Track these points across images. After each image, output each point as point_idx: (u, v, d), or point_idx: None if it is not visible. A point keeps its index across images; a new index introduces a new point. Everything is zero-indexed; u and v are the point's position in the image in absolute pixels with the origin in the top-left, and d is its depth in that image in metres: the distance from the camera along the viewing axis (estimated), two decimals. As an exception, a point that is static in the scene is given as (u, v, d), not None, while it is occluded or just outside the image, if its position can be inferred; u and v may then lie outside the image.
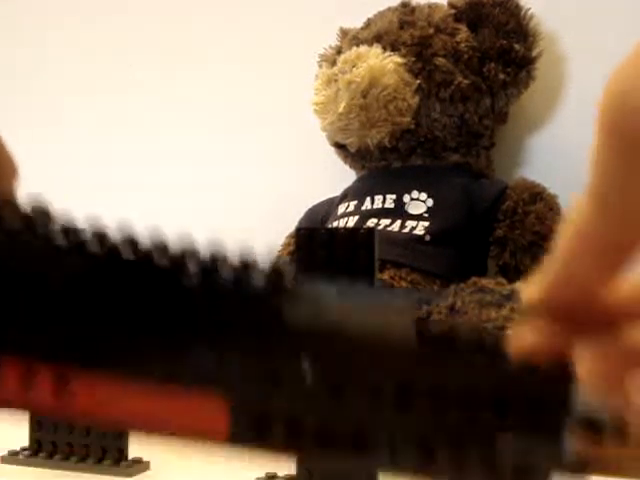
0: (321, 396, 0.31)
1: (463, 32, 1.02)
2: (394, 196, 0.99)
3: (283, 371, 0.31)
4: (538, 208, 0.98)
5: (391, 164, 1.04)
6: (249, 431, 0.31)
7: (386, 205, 0.99)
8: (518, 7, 1.03)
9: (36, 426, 0.64)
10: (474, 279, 0.79)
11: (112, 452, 0.63)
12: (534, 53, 1.03)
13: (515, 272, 0.96)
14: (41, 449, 0.64)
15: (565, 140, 1.06)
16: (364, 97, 0.98)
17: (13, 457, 0.64)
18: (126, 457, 0.63)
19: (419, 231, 0.95)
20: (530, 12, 1.04)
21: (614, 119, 0.22)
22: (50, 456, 0.64)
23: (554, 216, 0.97)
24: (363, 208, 1.00)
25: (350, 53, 1.00)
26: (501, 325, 0.65)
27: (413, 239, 0.95)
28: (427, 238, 0.95)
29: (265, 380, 0.30)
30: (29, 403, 0.29)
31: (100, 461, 0.63)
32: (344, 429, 0.31)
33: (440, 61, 1.00)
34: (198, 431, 0.31)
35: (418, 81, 0.99)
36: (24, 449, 0.65)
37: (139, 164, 1.26)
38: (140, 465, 0.63)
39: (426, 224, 0.96)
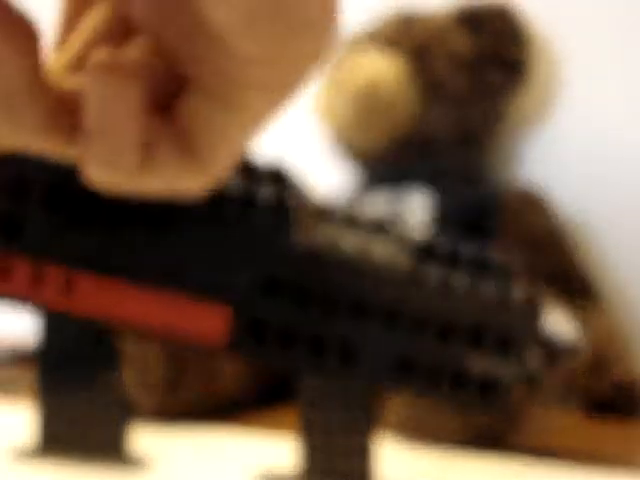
0: (316, 311, 0.33)
1: (461, 37, 1.03)
2: (393, 198, 1.01)
3: (283, 285, 0.33)
4: (533, 217, 0.99)
5: (390, 167, 1.05)
6: (248, 339, 0.32)
7: (385, 208, 1.01)
8: (514, 12, 1.05)
9: (41, 423, 0.65)
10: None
11: (115, 449, 0.64)
12: (529, 56, 1.05)
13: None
14: (46, 446, 0.65)
15: (561, 141, 1.07)
16: (364, 101, 0.99)
17: (17, 454, 0.65)
18: (129, 454, 0.64)
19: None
20: (525, 17, 1.05)
21: None
22: (54, 453, 0.65)
23: (549, 224, 0.99)
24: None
25: (351, 57, 1.02)
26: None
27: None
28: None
29: (266, 293, 0.32)
30: (38, 298, 0.31)
31: (103, 458, 0.64)
32: (334, 343, 0.33)
33: (439, 65, 1.01)
34: (198, 336, 0.32)
35: (418, 85, 1.01)
36: (29, 446, 0.66)
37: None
38: (143, 462, 0.64)
39: (424, 232, 0.97)
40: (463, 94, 1.02)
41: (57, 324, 0.64)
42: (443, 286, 0.34)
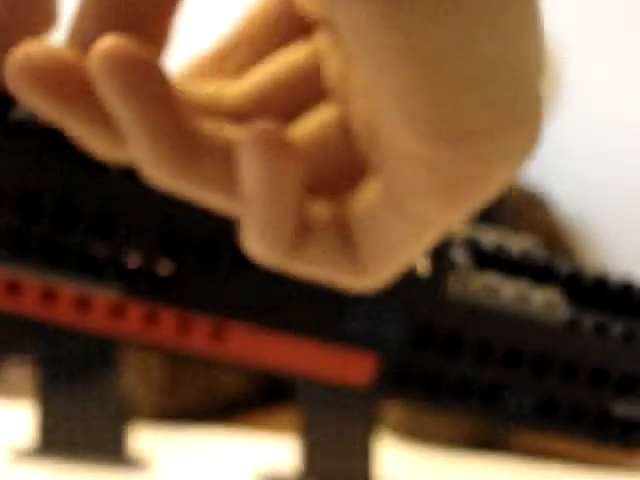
0: (467, 358, 0.34)
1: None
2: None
3: (436, 334, 0.33)
4: (534, 218, 0.99)
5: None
6: (394, 384, 0.33)
7: None
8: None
9: (41, 424, 0.65)
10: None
11: (115, 449, 0.64)
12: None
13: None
14: (46, 446, 0.65)
15: (562, 141, 1.07)
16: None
17: (19, 454, 0.66)
18: (129, 454, 0.64)
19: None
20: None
21: None
22: (55, 453, 0.65)
23: (550, 224, 0.99)
24: None
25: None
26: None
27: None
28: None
29: (418, 342, 0.33)
30: (185, 345, 0.31)
31: (103, 458, 0.64)
32: (480, 388, 0.34)
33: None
34: (342, 380, 0.33)
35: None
36: (29, 446, 0.66)
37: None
38: (143, 462, 0.64)
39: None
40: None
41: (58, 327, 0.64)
42: (599, 337, 0.34)
